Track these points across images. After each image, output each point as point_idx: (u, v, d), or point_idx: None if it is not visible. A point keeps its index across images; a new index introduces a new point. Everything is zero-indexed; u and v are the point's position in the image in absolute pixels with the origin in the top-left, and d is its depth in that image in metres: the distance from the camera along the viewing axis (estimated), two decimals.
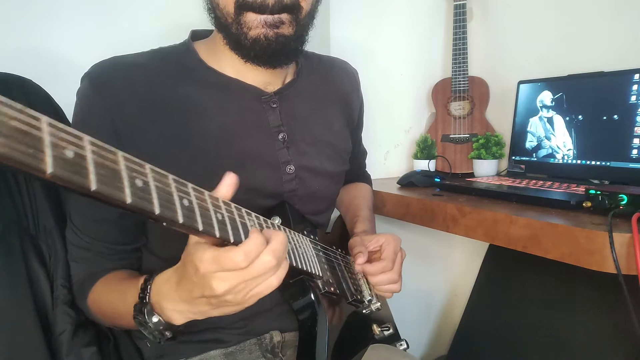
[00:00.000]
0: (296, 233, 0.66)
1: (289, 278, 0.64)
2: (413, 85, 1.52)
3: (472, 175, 1.35)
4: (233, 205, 0.49)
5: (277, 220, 0.62)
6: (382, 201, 1.21)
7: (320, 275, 0.67)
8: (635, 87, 1.02)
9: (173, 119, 0.69)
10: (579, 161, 1.13)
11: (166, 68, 0.72)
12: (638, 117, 1.01)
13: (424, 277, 1.61)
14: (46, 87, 0.80)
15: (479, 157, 1.32)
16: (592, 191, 0.85)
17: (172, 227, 0.40)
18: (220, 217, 0.44)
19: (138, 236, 0.74)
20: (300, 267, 0.60)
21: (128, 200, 0.32)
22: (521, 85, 1.26)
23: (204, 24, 0.75)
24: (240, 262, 0.45)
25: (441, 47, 1.50)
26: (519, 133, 1.27)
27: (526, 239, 0.85)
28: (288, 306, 0.71)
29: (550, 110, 1.19)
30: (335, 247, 0.82)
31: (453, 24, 1.36)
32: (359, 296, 0.79)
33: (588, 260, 0.76)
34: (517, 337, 1.21)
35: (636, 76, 1.02)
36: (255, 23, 0.65)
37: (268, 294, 0.50)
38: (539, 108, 1.21)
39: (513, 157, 1.28)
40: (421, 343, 1.67)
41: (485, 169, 1.32)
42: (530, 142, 1.24)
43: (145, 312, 0.55)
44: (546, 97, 1.19)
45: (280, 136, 0.76)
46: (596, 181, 1.08)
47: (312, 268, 0.65)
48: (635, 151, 1.02)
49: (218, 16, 0.69)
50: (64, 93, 0.76)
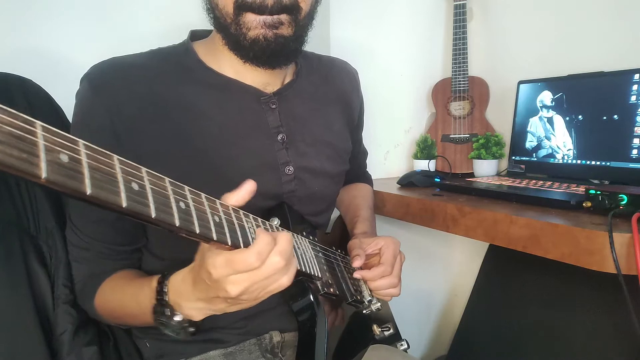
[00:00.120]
0: (295, 234, 0.66)
1: None
2: (413, 85, 1.52)
3: (472, 175, 1.35)
4: (231, 207, 0.49)
5: (276, 221, 0.62)
6: (382, 201, 1.21)
7: (319, 276, 0.67)
8: (635, 87, 1.02)
9: (172, 120, 0.69)
10: (579, 161, 1.13)
11: (165, 68, 0.72)
12: (638, 117, 1.01)
13: (424, 277, 1.61)
14: (46, 87, 0.80)
15: (479, 157, 1.31)
16: (592, 191, 0.85)
17: (173, 233, 0.40)
18: (217, 220, 0.44)
19: (138, 237, 0.74)
20: (299, 269, 0.60)
21: (124, 204, 0.32)
22: (521, 85, 1.26)
23: (204, 24, 0.75)
24: (253, 263, 0.46)
25: (441, 47, 1.50)
26: (519, 133, 1.26)
27: (526, 239, 0.85)
28: (288, 307, 0.71)
29: (550, 110, 1.18)
30: (335, 248, 0.82)
31: (453, 24, 1.36)
32: (359, 297, 0.79)
33: (588, 260, 0.76)
34: (517, 337, 1.21)
35: (636, 76, 1.02)
36: (254, 24, 0.65)
37: None
38: (539, 108, 1.21)
39: (513, 157, 1.28)
40: (421, 343, 1.67)
41: (485, 169, 1.32)
42: (530, 142, 1.24)
43: (166, 313, 0.56)
44: (546, 97, 1.19)
45: (279, 137, 0.76)
46: (596, 181, 1.08)
47: (312, 269, 0.65)
48: (635, 151, 1.01)
49: (217, 16, 0.69)
50: (64, 93, 0.76)
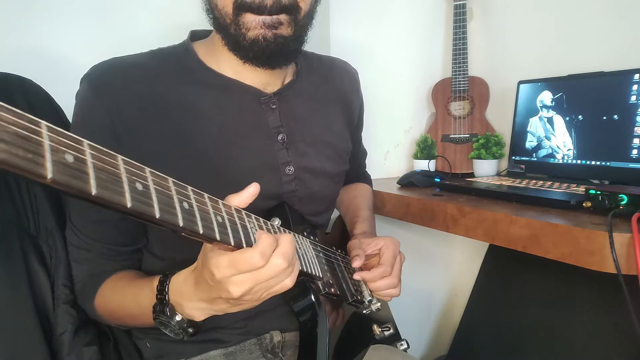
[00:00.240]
0: (296, 234, 0.66)
1: None
2: (413, 85, 1.52)
3: (472, 175, 1.35)
4: (233, 207, 0.49)
5: (277, 221, 0.62)
6: (382, 201, 1.21)
7: (320, 276, 0.67)
8: (635, 87, 1.02)
9: (172, 120, 0.69)
10: (579, 161, 1.13)
11: (165, 69, 0.72)
12: (638, 117, 1.01)
13: (424, 277, 1.61)
14: (46, 87, 0.80)
15: (479, 157, 1.32)
16: (592, 191, 0.85)
17: (177, 233, 0.40)
18: (220, 220, 0.44)
19: (138, 237, 0.74)
20: (300, 269, 0.60)
21: (128, 204, 0.32)
22: (521, 85, 1.26)
23: (203, 24, 0.75)
24: (257, 262, 0.47)
25: (441, 47, 1.50)
26: (519, 133, 1.27)
27: (526, 239, 0.85)
28: (289, 307, 0.71)
29: (550, 110, 1.19)
30: (335, 248, 0.82)
31: (453, 24, 1.36)
32: (359, 297, 0.79)
33: (588, 260, 0.76)
34: (517, 337, 1.21)
35: (636, 76, 1.02)
36: (253, 24, 0.65)
37: None
38: (539, 108, 1.21)
39: (513, 157, 1.28)
40: (421, 343, 1.68)
41: (485, 169, 1.32)
42: (530, 142, 1.24)
43: (166, 312, 0.56)
44: (546, 97, 1.19)
45: (279, 137, 0.76)
46: (596, 181, 1.08)
47: (313, 269, 0.65)
48: (635, 151, 1.02)
49: (217, 17, 0.69)
50: (65, 93, 0.76)
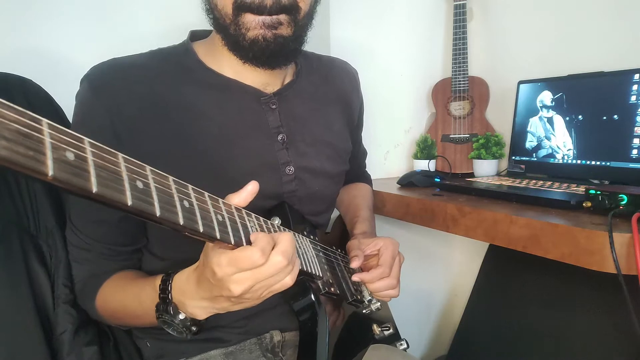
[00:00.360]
0: (296, 234, 0.66)
1: None
2: (413, 85, 1.52)
3: (472, 175, 1.35)
4: (233, 206, 0.49)
5: (277, 221, 0.62)
6: (382, 201, 1.21)
7: (320, 275, 0.67)
8: (635, 87, 1.02)
9: (173, 120, 0.69)
10: (579, 161, 1.13)
11: (165, 69, 0.72)
12: (638, 117, 1.01)
13: (424, 277, 1.61)
14: (46, 87, 0.80)
15: (479, 157, 1.32)
16: (592, 191, 0.85)
17: (177, 232, 0.40)
18: (220, 219, 0.44)
19: (138, 237, 0.74)
20: (300, 268, 0.60)
21: (129, 202, 0.32)
22: (521, 85, 1.26)
23: (203, 25, 0.75)
24: (257, 260, 0.47)
25: (441, 47, 1.50)
26: (519, 133, 1.27)
27: (526, 239, 0.85)
28: (289, 306, 0.71)
29: (550, 110, 1.19)
30: (335, 247, 0.82)
31: (453, 24, 1.36)
32: (359, 296, 0.79)
33: (588, 260, 0.76)
34: (517, 337, 1.21)
35: (636, 76, 1.02)
36: (253, 24, 0.65)
37: None
38: (539, 108, 1.21)
39: (513, 157, 1.28)
40: (421, 343, 1.67)
41: (485, 169, 1.32)
42: (530, 142, 1.24)
43: (170, 311, 0.56)
44: (546, 97, 1.19)
45: (279, 137, 0.76)
46: (596, 181, 1.08)
47: (313, 269, 0.65)
48: (635, 151, 1.02)
49: (216, 17, 0.69)
50: (65, 93, 0.76)
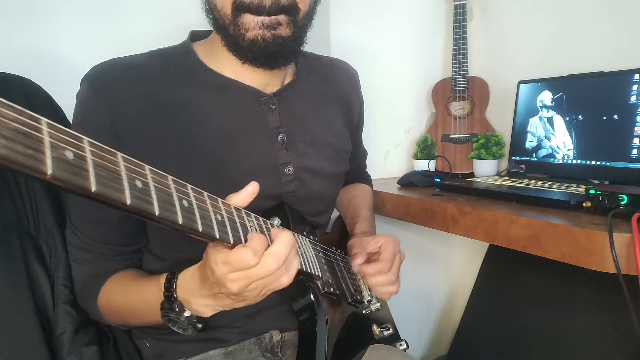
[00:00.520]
0: (296, 234, 0.66)
1: None
2: (413, 85, 1.52)
3: (472, 175, 1.35)
4: (233, 206, 0.49)
5: (277, 221, 0.62)
6: (382, 201, 1.21)
7: (319, 275, 0.67)
8: (635, 87, 1.02)
9: (173, 120, 0.69)
10: (579, 161, 1.13)
11: (166, 69, 0.72)
12: (638, 117, 1.01)
13: (424, 277, 1.61)
14: (46, 88, 0.80)
15: (479, 157, 1.32)
16: (592, 191, 0.85)
17: (176, 231, 0.40)
18: (219, 218, 0.44)
19: (138, 237, 0.74)
20: (300, 268, 0.60)
21: (128, 201, 0.32)
22: (521, 85, 1.26)
23: (203, 25, 0.75)
24: (249, 260, 0.47)
25: (441, 47, 1.50)
26: (519, 133, 1.27)
27: (526, 239, 0.85)
28: (288, 306, 0.71)
29: (550, 110, 1.19)
30: (334, 248, 0.82)
31: (453, 24, 1.36)
32: (359, 296, 0.79)
33: (588, 260, 0.76)
34: (517, 337, 1.21)
35: (636, 76, 1.02)
36: (252, 24, 0.65)
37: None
38: (539, 108, 1.21)
39: (513, 157, 1.28)
40: (421, 343, 1.67)
41: (485, 169, 1.32)
42: (530, 142, 1.24)
43: (175, 309, 0.57)
44: (546, 97, 1.19)
45: (279, 137, 0.76)
46: (596, 181, 1.08)
47: (312, 269, 0.65)
48: (635, 151, 1.02)
49: (216, 17, 0.69)
50: (65, 93, 0.76)
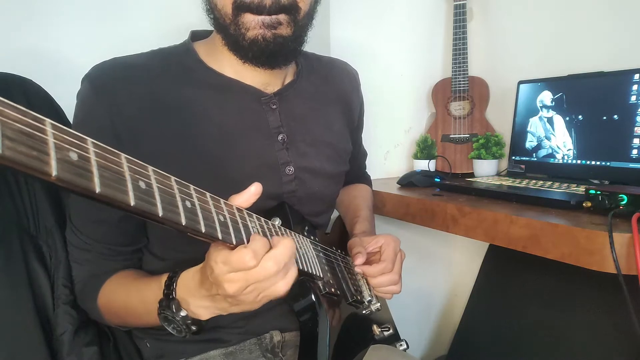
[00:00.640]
0: (296, 234, 0.66)
1: None
2: (413, 85, 1.52)
3: (472, 175, 1.35)
4: (235, 206, 0.49)
5: (277, 221, 0.62)
6: (382, 201, 1.21)
7: (320, 276, 0.67)
8: (635, 87, 1.02)
9: (173, 120, 0.69)
10: (579, 161, 1.13)
11: (166, 69, 0.72)
12: (638, 117, 1.01)
13: (424, 277, 1.61)
14: (47, 88, 0.80)
15: (479, 157, 1.32)
16: (592, 191, 0.85)
17: (179, 232, 0.40)
18: (222, 219, 0.44)
19: (139, 237, 0.74)
20: (300, 268, 0.60)
21: (132, 202, 0.32)
22: (521, 85, 1.26)
23: (204, 25, 0.75)
24: (248, 261, 0.47)
25: (441, 47, 1.50)
26: (519, 133, 1.27)
27: (526, 239, 0.85)
28: (289, 307, 0.71)
29: (550, 110, 1.19)
30: (334, 248, 0.82)
31: (453, 24, 1.36)
32: (359, 297, 0.79)
33: (588, 260, 0.76)
34: (517, 337, 1.21)
35: (636, 76, 1.02)
36: (252, 24, 0.65)
37: None
38: (539, 108, 1.21)
39: (513, 157, 1.28)
40: (421, 343, 1.68)
41: (485, 169, 1.32)
42: (530, 142, 1.24)
43: (172, 308, 0.56)
44: (546, 97, 1.20)
45: (279, 137, 0.76)
46: (596, 181, 1.08)
47: (313, 269, 0.65)
48: (635, 151, 1.02)
49: (216, 17, 0.69)
50: (65, 93, 0.76)
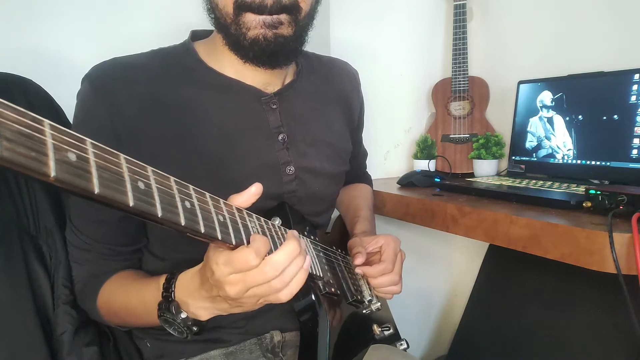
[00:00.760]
0: (301, 237, 0.66)
1: None
2: (413, 85, 1.52)
3: (472, 175, 1.35)
4: (234, 206, 0.49)
5: (277, 221, 0.62)
6: (382, 201, 1.21)
7: (320, 275, 0.67)
8: (635, 87, 1.02)
9: (173, 120, 0.69)
10: (579, 161, 1.13)
11: (166, 69, 0.72)
12: (638, 117, 1.01)
13: (424, 277, 1.61)
14: (47, 88, 0.80)
15: (479, 157, 1.32)
16: (592, 191, 0.85)
17: (179, 232, 0.40)
18: (222, 219, 0.44)
19: (138, 237, 0.74)
20: None
21: (131, 203, 0.32)
22: (521, 85, 1.26)
23: (204, 24, 0.75)
24: (251, 260, 0.47)
25: (441, 47, 1.50)
26: (519, 133, 1.27)
27: (526, 239, 0.85)
28: (289, 307, 0.71)
29: (550, 110, 1.19)
30: (335, 247, 0.82)
31: (453, 24, 1.36)
32: (359, 296, 0.79)
33: (588, 260, 0.76)
34: (517, 337, 1.21)
35: (636, 76, 1.02)
36: (254, 24, 0.65)
37: None
38: (539, 108, 1.21)
39: (513, 157, 1.28)
40: (421, 343, 1.68)
41: (485, 169, 1.32)
42: (530, 142, 1.24)
43: (172, 310, 0.56)
44: (546, 97, 1.19)
45: (280, 137, 0.76)
46: (596, 181, 1.08)
47: (313, 269, 0.65)
48: (635, 151, 1.02)
49: (217, 17, 0.69)
50: (65, 93, 0.76)
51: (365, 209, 0.98)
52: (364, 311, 0.81)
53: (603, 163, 1.08)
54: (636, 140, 1.02)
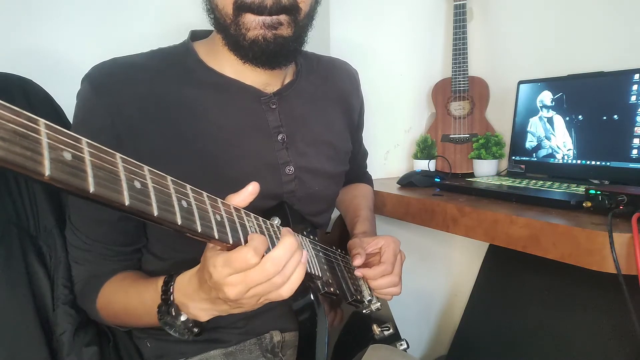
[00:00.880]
0: (295, 234, 0.66)
1: None
2: (413, 85, 1.52)
3: (472, 175, 1.35)
4: (232, 206, 0.49)
5: (277, 220, 0.62)
6: (382, 201, 1.21)
7: (320, 275, 0.67)
8: (635, 87, 1.02)
9: (173, 120, 0.69)
10: (579, 161, 1.13)
11: (166, 68, 0.72)
12: (638, 117, 1.01)
13: (424, 277, 1.61)
14: (46, 87, 0.80)
15: (479, 157, 1.32)
16: (592, 191, 0.85)
17: (176, 232, 0.40)
18: (219, 219, 0.44)
19: (138, 237, 0.74)
20: None
21: (126, 202, 0.32)
22: (521, 85, 1.26)
23: (204, 25, 0.75)
24: (250, 259, 0.47)
25: (441, 47, 1.50)
26: (519, 133, 1.27)
27: (526, 239, 0.85)
28: (288, 307, 0.71)
29: (550, 110, 1.19)
30: (335, 247, 0.82)
31: (453, 24, 1.36)
32: (359, 296, 0.79)
33: (588, 260, 0.76)
34: (517, 337, 1.21)
35: (636, 76, 1.02)
36: (253, 24, 0.65)
37: None
38: (539, 108, 1.21)
39: (513, 157, 1.28)
40: (421, 343, 1.67)
41: (485, 169, 1.32)
42: (530, 142, 1.24)
43: (171, 313, 0.56)
44: (546, 97, 1.19)
45: (279, 137, 0.76)
46: (596, 181, 1.08)
47: (312, 269, 0.65)
48: (635, 151, 1.01)
49: (217, 17, 0.69)
50: (65, 93, 0.76)
51: (365, 209, 0.98)
52: (364, 311, 0.81)
53: (603, 163, 1.08)
54: (636, 140, 1.01)
